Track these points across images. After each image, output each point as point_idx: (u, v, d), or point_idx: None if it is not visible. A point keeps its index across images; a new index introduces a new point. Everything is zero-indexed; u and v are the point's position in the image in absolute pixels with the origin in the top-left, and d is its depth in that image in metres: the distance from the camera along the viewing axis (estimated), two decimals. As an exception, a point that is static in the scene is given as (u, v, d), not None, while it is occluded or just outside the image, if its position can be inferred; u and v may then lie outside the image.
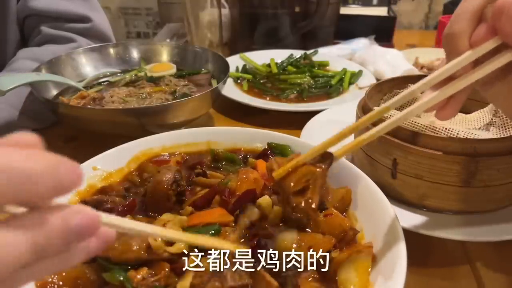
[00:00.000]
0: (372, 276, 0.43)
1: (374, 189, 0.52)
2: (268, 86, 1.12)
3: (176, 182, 0.53)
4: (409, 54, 1.30)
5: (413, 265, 0.56)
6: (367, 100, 0.68)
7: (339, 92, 1.08)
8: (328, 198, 0.54)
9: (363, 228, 0.50)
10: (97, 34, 1.07)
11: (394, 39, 1.55)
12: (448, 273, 0.56)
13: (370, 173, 0.58)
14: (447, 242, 0.58)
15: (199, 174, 0.59)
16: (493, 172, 0.57)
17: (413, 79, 0.76)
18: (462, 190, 0.58)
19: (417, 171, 0.59)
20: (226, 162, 0.63)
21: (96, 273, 0.43)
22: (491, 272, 0.57)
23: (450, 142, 0.56)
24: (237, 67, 1.20)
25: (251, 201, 0.50)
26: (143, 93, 0.91)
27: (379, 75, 1.14)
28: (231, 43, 1.43)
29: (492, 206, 0.61)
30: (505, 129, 0.68)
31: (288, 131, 0.64)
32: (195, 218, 0.49)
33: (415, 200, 0.61)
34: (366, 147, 0.66)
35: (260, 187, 0.52)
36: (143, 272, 0.42)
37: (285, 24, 1.34)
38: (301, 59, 1.27)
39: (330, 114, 0.90)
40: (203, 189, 0.56)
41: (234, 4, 1.37)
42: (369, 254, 0.45)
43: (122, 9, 2.77)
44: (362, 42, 1.39)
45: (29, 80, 0.75)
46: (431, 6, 2.48)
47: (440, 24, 1.49)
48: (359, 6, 1.70)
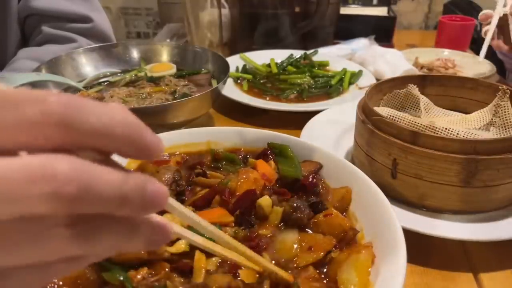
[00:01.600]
0: (372, 276, 0.43)
1: (374, 189, 0.52)
2: (268, 86, 1.12)
3: (176, 182, 0.53)
4: (409, 54, 1.30)
5: (413, 265, 0.57)
6: (367, 100, 0.68)
7: (339, 92, 1.08)
8: (328, 198, 0.55)
9: (363, 228, 0.50)
10: (98, 34, 1.07)
11: (394, 39, 1.54)
12: (448, 273, 0.56)
13: (370, 173, 0.58)
14: (447, 242, 0.58)
15: (199, 174, 0.59)
16: (493, 172, 0.57)
17: (413, 79, 0.77)
18: (462, 190, 0.58)
19: (417, 171, 0.59)
20: (226, 162, 0.63)
21: (96, 273, 0.43)
22: (491, 272, 0.57)
23: (450, 142, 0.56)
24: (237, 67, 1.20)
25: (251, 201, 0.50)
26: (143, 93, 0.91)
27: (379, 75, 1.14)
28: (231, 43, 1.43)
29: (492, 206, 0.61)
30: (505, 129, 0.68)
31: (288, 131, 0.64)
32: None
33: (415, 200, 0.62)
34: (366, 147, 0.66)
35: (260, 187, 0.52)
36: (143, 272, 0.42)
37: (285, 24, 1.34)
38: (301, 59, 1.26)
39: (330, 114, 0.90)
40: (203, 189, 0.56)
41: (234, 4, 1.37)
42: (369, 254, 0.45)
43: (122, 9, 2.77)
44: (362, 42, 1.39)
45: (29, 80, 0.75)
46: (431, 6, 2.49)
47: (440, 24, 1.49)
48: (359, 6, 1.70)
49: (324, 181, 0.58)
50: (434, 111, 0.75)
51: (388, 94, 0.76)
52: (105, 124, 0.21)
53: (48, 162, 0.19)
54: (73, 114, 0.20)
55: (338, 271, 0.44)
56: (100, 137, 0.21)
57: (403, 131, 0.60)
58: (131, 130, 0.22)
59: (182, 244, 0.44)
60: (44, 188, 0.18)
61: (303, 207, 0.49)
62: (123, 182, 0.21)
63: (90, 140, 0.21)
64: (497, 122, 0.69)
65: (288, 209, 0.49)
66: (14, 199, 0.18)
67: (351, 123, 0.74)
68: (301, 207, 0.49)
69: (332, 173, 0.58)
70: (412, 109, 0.76)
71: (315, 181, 0.54)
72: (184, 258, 0.44)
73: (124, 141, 0.22)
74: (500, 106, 0.68)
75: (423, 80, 0.78)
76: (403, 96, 0.76)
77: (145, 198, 0.22)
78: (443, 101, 0.78)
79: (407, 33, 2.03)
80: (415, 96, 0.74)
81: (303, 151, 0.62)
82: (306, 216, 0.49)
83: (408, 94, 0.75)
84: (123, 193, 0.21)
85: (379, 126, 0.63)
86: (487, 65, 1.25)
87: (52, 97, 0.20)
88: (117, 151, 0.22)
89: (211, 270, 0.43)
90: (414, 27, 2.51)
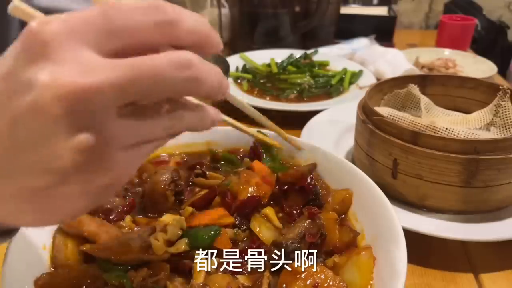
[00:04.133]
0: (373, 277, 0.43)
1: (374, 190, 0.52)
2: (268, 86, 1.12)
3: (174, 182, 0.53)
4: (409, 54, 1.30)
5: (413, 265, 0.57)
6: (368, 100, 0.67)
7: (339, 92, 1.08)
8: (328, 199, 0.54)
9: (363, 229, 0.50)
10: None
11: (395, 38, 1.54)
12: (448, 273, 0.56)
13: (370, 173, 0.57)
14: (447, 242, 0.57)
15: (199, 175, 0.59)
16: (493, 172, 0.57)
17: (414, 79, 0.77)
18: (462, 190, 0.58)
19: (417, 171, 0.59)
20: (225, 163, 0.63)
21: (96, 273, 0.43)
22: (491, 272, 0.57)
23: (451, 142, 0.56)
24: (237, 67, 1.20)
25: (255, 207, 0.50)
26: (143, 93, 0.90)
27: (379, 75, 1.14)
28: (231, 42, 1.43)
29: (492, 206, 0.61)
30: (505, 129, 0.67)
31: (288, 131, 0.64)
32: (195, 219, 0.48)
33: (415, 200, 0.61)
34: (367, 147, 0.66)
35: (262, 192, 0.52)
36: (143, 272, 0.42)
37: (285, 24, 1.34)
38: (301, 58, 1.26)
39: (330, 114, 0.90)
40: (202, 190, 0.56)
41: (234, 4, 1.37)
42: (370, 255, 0.45)
43: (122, 8, 2.77)
44: (362, 41, 1.39)
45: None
46: (431, 5, 2.48)
47: (440, 24, 1.48)
48: (360, 5, 1.70)
49: (324, 182, 0.58)
50: (434, 111, 0.75)
51: (388, 94, 0.76)
52: (201, 24, 0.28)
53: (183, 55, 0.26)
54: (180, 17, 0.26)
55: (340, 272, 0.44)
56: (196, 34, 0.28)
57: (403, 131, 0.59)
58: (210, 29, 0.29)
59: (182, 244, 0.44)
60: (186, 72, 0.25)
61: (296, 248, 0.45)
62: (220, 74, 0.30)
63: (190, 37, 0.28)
64: (497, 122, 0.69)
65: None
66: (167, 83, 0.25)
67: (352, 123, 0.74)
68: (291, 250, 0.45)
69: (332, 173, 0.58)
70: (413, 109, 0.76)
71: (314, 183, 0.53)
72: (184, 259, 0.44)
73: (208, 37, 0.29)
74: (500, 106, 0.68)
75: (423, 80, 0.78)
76: (404, 96, 0.76)
77: (224, 85, 0.30)
78: (444, 101, 0.77)
79: (407, 32, 2.02)
80: (416, 96, 0.74)
81: (303, 151, 0.61)
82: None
83: (409, 94, 0.75)
84: (220, 80, 0.29)
85: (380, 126, 0.63)
86: (488, 65, 1.25)
87: (167, 5, 0.26)
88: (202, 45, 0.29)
89: (211, 271, 0.43)
90: (414, 27, 2.51)
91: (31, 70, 0.23)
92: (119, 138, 0.25)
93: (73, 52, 0.23)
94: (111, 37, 0.25)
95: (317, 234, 0.46)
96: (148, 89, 0.25)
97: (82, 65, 0.23)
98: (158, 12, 0.25)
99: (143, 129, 0.27)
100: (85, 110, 0.23)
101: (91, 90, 0.23)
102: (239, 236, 0.48)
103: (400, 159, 0.60)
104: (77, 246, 0.45)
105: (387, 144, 0.61)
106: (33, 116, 0.23)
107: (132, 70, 0.24)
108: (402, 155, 0.60)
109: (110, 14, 0.24)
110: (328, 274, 0.42)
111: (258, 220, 0.50)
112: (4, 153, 0.24)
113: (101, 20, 0.24)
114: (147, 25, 0.25)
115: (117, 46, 0.25)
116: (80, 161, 0.24)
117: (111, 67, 0.23)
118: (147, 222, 0.50)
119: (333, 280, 0.42)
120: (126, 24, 0.25)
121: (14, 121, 0.23)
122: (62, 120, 0.23)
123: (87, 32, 0.24)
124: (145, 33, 0.25)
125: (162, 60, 0.25)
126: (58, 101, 0.22)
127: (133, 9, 0.25)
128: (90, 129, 0.24)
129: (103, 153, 0.25)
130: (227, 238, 0.46)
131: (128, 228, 0.49)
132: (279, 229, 0.49)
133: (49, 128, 0.23)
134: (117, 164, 0.26)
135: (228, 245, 0.46)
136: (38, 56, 0.23)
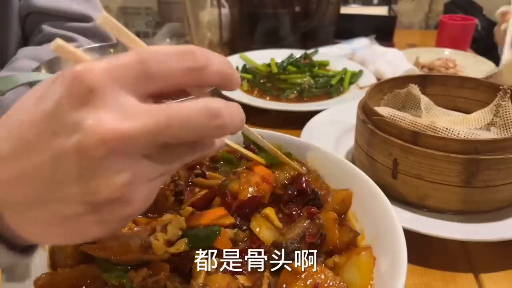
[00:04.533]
0: (373, 276, 0.43)
1: (374, 190, 0.52)
2: (268, 86, 1.12)
3: (174, 181, 0.53)
4: (409, 54, 1.30)
5: (413, 265, 0.57)
6: (368, 100, 0.67)
7: (340, 92, 1.08)
8: (328, 199, 0.54)
9: (363, 229, 0.50)
10: (98, 34, 1.06)
11: (395, 38, 1.54)
12: (448, 273, 0.56)
13: (370, 173, 0.57)
14: (447, 242, 0.57)
15: (198, 175, 0.59)
16: (494, 172, 0.57)
17: (414, 79, 0.77)
18: (462, 190, 0.58)
19: (417, 171, 0.59)
20: (224, 163, 0.63)
21: (95, 273, 0.43)
22: (491, 272, 0.57)
23: (451, 142, 0.56)
24: (237, 67, 1.20)
25: (256, 208, 0.50)
26: (143, 93, 0.90)
27: (379, 75, 1.14)
28: (231, 42, 1.43)
29: (492, 206, 0.61)
30: (506, 129, 0.67)
31: (288, 131, 0.64)
32: (195, 219, 0.48)
33: (415, 200, 0.61)
34: (367, 147, 0.66)
35: (262, 192, 0.52)
36: (143, 273, 0.42)
37: (285, 24, 1.34)
38: (301, 58, 1.26)
39: (330, 114, 0.90)
40: (202, 190, 0.56)
41: (234, 4, 1.36)
42: (370, 255, 0.45)
43: (122, 8, 2.77)
44: (362, 41, 1.39)
45: (29, 80, 0.75)
46: (431, 5, 2.48)
47: (440, 24, 1.48)
48: (360, 5, 1.70)
49: (324, 182, 0.58)
50: (434, 111, 0.75)
51: (388, 94, 0.76)
52: (225, 66, 0.31)
53: (213, 103, 0.28)
54: (208, 62, 0.29)
55: (340, 272, 0.44)
56: (221, 75, 0.31)
57: (403, 131, 0.59)
58: (232, 69, 0.32)
59: (182, 244, 0.44)
60: (216, 121, 0.28)
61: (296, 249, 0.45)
62: (242, 114, 0.32)
63: (216, 77, 0.30)
64: (498, 122, 0.69)
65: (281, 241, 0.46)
66: (197, 130, 0.28)
67: (352, 123, 0.74)
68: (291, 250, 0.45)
69: (332, 173, 0.58)
70: (413, 109, 0.76)
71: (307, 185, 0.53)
72: (184, 259, 0.44)
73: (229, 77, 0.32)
74: (501, 106, 0.68)
75: (423, 79, 0.78)
76: (404, 96, 0.76)
77: (242, 121, 0.32)
78: (444, 101, 0.77)
79: (407, 32, 2.02)
80: (416, 96, 0.74)
81: (303, 151, 0.61)
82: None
83: (409, 94, 0.75)
84: (242, 119, 0.32)
85: (380, 126, 0.63)
86: (488, 65, 1.25)
87: (197, 51, 0.29)
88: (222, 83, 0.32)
89: (211, 271, 0.43)
90: (414, 27, 2.51)
91: (77, 114, 0.26)
92: (146, 175, 0.28)
93: (115, 98, 0.26)
94: (148, 82, 0.27)
95: (317, 234, 0.46)
96: (180, 135, 0.27)
97: (122, 110, 0.26)
98: (190, 58, 0.28)
99: (167, 164, 0.30)
100: (124, 152, 0.26)
101: (130, 136, 0.26)
102: (239, 236, 0.48)
103: (400, 159, 0.60)
104: (77, 246, 0.45)
105: (387, 144, 0.61)
106: (78, 156, 0.26)
107: (167, 117, 0.26)
108: (402, 155, 0.60)
109: (147, 60, 0.27)
110: (328, 274, 0.42)
111: (258, 220, 0.50)
112: (43, 184, 0.27)
113: (139, 66, 0.27)
114: (181, 71, 0.28)
115: (153, 90, 0.28)
116: (115, 196, 0.27)
117: (149, 114, 0.26)
118: (147, 222, 0.50)
119: (333, 280, 0.42)
120: (162, 70, 0.27)
121: (57, 158, 0.26)
122: (103, 161, 0.26)
123: (126, 77, 0.27)
124: (178, 78, 0.28)
125: (194, 109, 0.27)
126: (101, 145, 0.25)
127: (168, 54, 0.28)
128: (126, 168, 0.27)
129: (132, 188, 0.28)
130: (227, 238, 0.46)
131: (128, 228, 0.49)
132: (279, 229, 0.49)
133: (91, 167, 0.26)
134: (140, 196, 0.29)
135: (228, 245, 0.45)
136: (84, 101, 0.26)
